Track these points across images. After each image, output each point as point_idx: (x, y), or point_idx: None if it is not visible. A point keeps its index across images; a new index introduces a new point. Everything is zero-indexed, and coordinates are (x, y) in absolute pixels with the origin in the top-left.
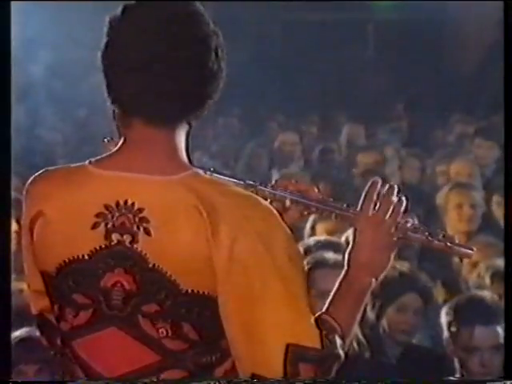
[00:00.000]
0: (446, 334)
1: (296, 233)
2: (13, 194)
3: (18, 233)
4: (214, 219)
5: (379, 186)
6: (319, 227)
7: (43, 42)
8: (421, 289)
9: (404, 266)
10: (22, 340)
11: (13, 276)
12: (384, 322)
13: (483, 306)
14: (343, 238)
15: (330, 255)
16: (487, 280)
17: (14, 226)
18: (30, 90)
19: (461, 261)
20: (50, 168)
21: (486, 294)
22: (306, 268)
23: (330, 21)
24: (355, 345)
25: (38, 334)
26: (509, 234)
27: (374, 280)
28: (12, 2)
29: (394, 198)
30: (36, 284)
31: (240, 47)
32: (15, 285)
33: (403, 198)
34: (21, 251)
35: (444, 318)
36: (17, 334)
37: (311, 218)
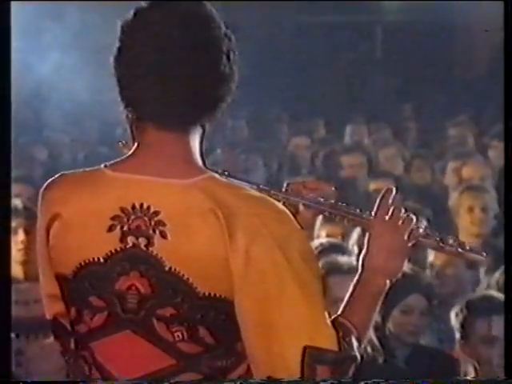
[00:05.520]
0: (459, 334)
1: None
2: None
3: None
4: (231, 222)
5: (393, 194)
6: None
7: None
8: (424, 289)
9: (406, 267)
10: None
11: None
12: (390, 325)
13: (496, 300)
14: (351, 241)
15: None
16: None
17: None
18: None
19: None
20: (65, 172)
21: (495, 292)
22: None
23: (339, 23)
24: (369, 349)
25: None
26: (509, 234)
27: (388, 282)
28: (12, 2)
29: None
30: (51, 288)
31: (249, 49)
32: None
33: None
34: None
35: (455, 319)
36: None
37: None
